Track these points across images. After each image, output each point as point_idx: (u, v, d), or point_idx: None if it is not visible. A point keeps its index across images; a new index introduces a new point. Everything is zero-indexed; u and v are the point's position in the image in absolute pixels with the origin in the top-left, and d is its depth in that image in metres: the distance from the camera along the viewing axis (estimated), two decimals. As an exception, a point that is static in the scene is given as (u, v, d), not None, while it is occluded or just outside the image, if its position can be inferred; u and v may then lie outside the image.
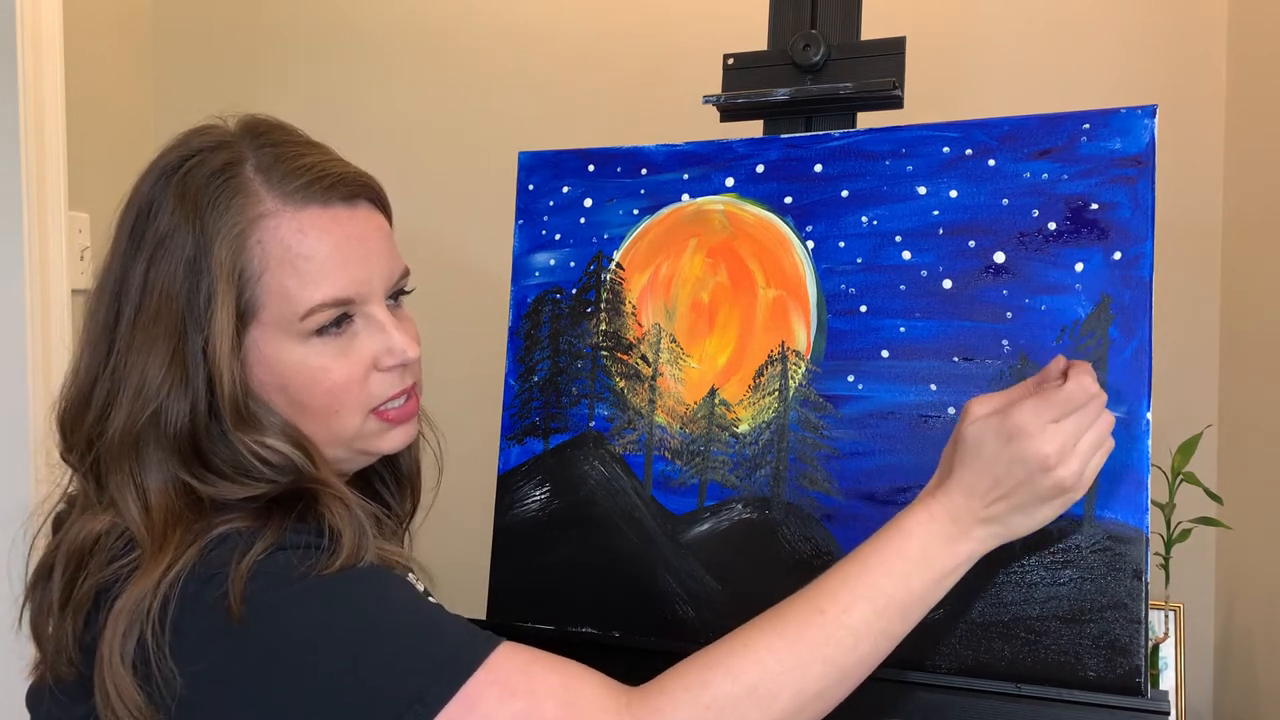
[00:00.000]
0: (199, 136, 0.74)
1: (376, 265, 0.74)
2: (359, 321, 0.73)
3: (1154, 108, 0.88)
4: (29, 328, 1.55)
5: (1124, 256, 0.87)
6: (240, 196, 0.70)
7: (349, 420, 0.74)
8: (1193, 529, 1.39)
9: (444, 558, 1.52)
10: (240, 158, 0.72)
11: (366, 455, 0.77)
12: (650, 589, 0.98)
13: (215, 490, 0.69)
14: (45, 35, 1.59)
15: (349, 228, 0.72)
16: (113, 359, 0.71)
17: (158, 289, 0.69)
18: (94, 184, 1.77)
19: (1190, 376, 1.55)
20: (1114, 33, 1.57)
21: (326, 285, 0.70)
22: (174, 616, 0.63)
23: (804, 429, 0.95)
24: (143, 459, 0.69)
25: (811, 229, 0.98)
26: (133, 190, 0.74)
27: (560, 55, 1.80)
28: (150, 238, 0.71)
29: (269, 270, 0.69)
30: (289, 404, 0.72)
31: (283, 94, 1.93)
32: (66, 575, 0.69)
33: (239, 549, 0.65)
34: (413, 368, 0.77)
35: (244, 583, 0.63)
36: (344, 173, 0.74)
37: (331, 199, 0.72)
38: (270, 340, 0.71)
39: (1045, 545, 0.86)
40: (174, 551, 0.65)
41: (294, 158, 0.72)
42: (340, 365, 0.72)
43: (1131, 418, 0.85)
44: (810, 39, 1.04)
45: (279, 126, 0.76)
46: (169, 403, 0.69)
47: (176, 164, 0.72)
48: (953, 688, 0.86)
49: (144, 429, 0.69)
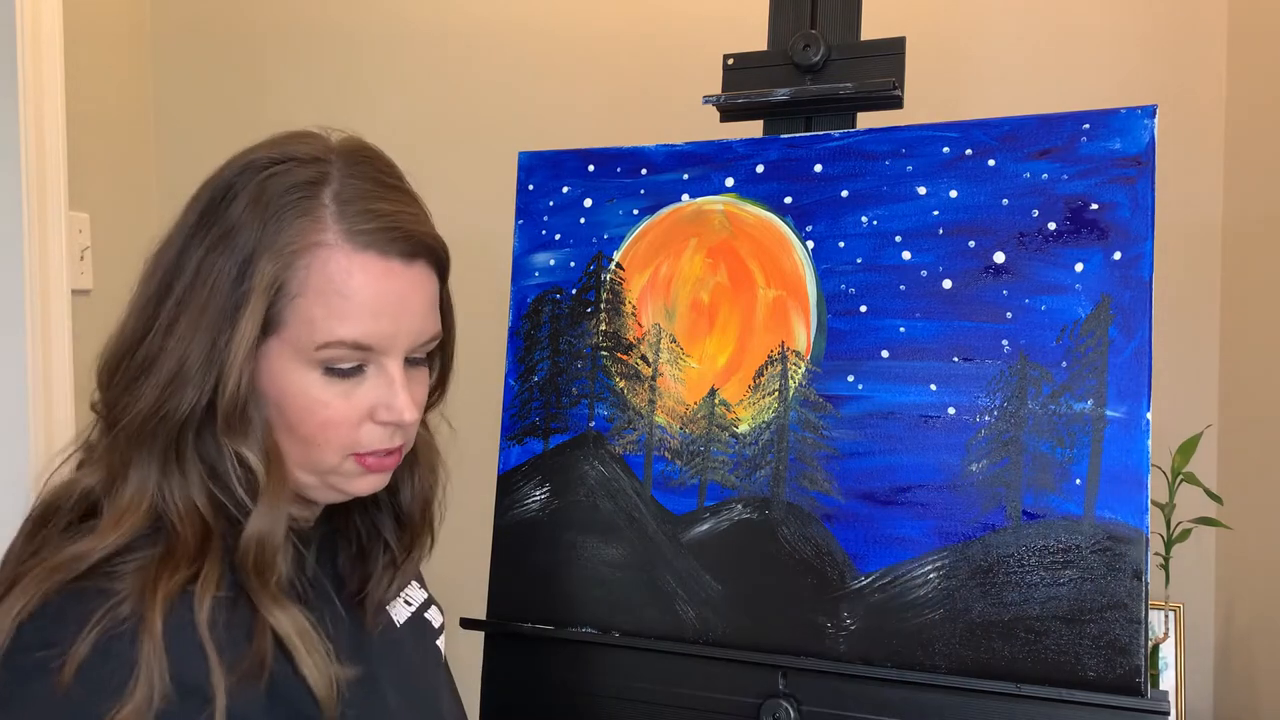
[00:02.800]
0: (297, 143, 0.74)
1: (407, 324, 0.74)
2: (371, 370, 0.73)
3: (1154, 108, 0.88)
4: (29, 328, 1.55)
5: (1124, 256, 0.87)
6: (307, 218, 0.70)
7: (328, 455, 0.74)
8: (1193, 529, 1.39)
9: (444, 558, 1.52)
10: (325, 179, 0.71)
11: (337, 492, 0.77)
12: (650, 589, 0.98)
13: (166, 489, 0.70)
14: (45, 36, 1.59)
15: (397, 283, 0.72)
16: (152, 333, 0.71)
17: (210, 280, 0.70)
18: (94, 184, 1.77)
19: (1190, 376, 1.55)
20: (1114, 33, 1.57)
21: (351, 326, 0.70)
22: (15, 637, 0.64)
23: (804, 429, 0.95)
24: (143, 447, 0.70)
25: (811, 229, 0.98)
26: (217, 172, 0.74)
27: (560, 55, 1.80)
28: (218, 226, 0.71)
29: (305, 295, 0.70)
30: (278, 420, 0.72)
31: (282, 94, 1.93)
32: (35, 516, 0.71)
33: (100, 612, 0.65)
34: (404, 431, 0.76)
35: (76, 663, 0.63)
36: (413, 231, 0.74)
37: (391, 251, 0.72)
38: (282, 357, 0.71)
39: (1045, 546, 0.86)
40: (112, 537, 0.67)
41: (374, 198, 0.72)
42: (339, 404, 0.72)
43: (1131, 418, 0.85)
44: (810, 39, 1.04)
45: (378, 160, 0.76)
46: (190, 392, 0.69)
47: (266, 163, 0.72)
48: (953, 688, 0.86)
49: (164, 418, 0.70)
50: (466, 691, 0.94)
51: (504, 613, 1.04)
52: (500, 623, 1.04)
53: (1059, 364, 0.88)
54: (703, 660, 0.97)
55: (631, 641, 0.98)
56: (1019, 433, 0.89)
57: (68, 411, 1.63)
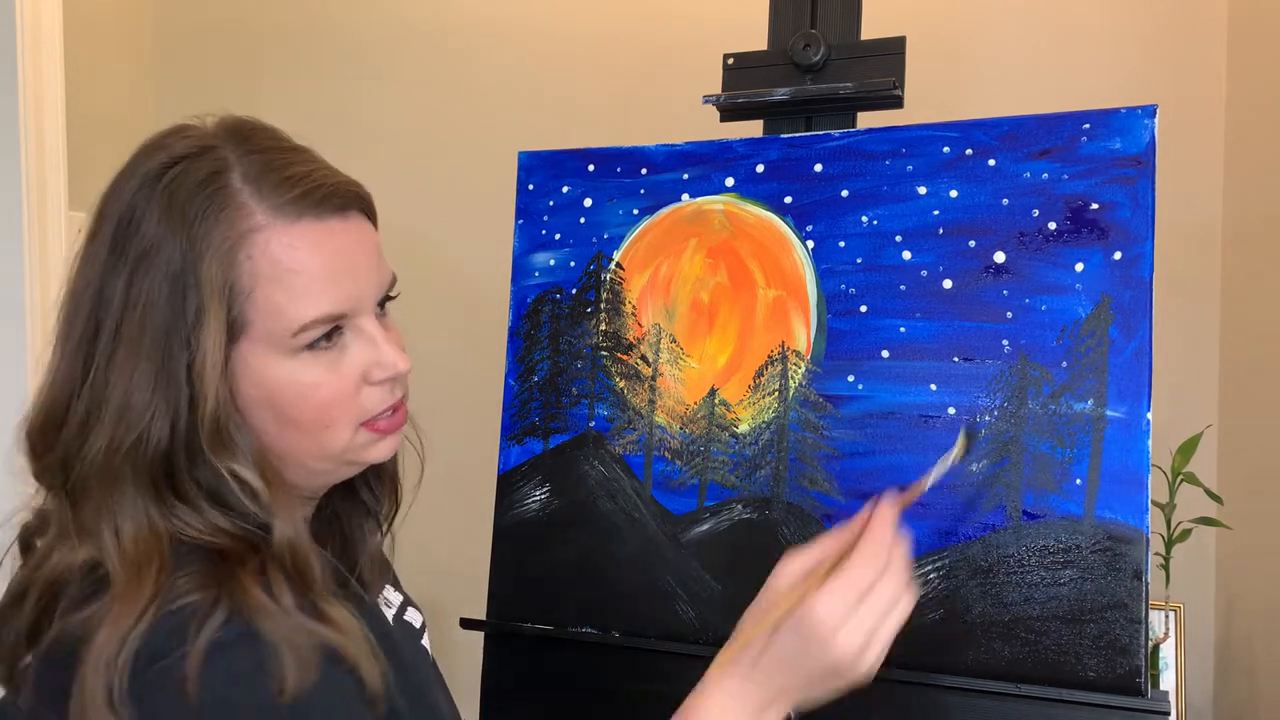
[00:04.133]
0: (179, 139, 0.70)
1: (367, 278, 0.72)
2: (349, 334, 0.72)
3: (1154, 108, 0.88)
4: (29, 328, 1.55)
5: (1124, 256, 0.87)
6: (229, 209, 0.67)
7: (339, 434, 0.72)
8: (1193, 529, 1.39)
9: (443, 557, 1.52)
10: (225, 165, 0.69)
11: (354, 466, 0.76)
12: (650, 589, 0.98)
13: (180, 521, 0.67)
14: (45, 36, 1.59)
15: (341, 240, 0.70)
16: (92, 374, 0.68)
17: (140, 304, 0.66)
18: (94, 184, 1.75)
19: (1190, 376, 1.55)
20: (1114, 33, 1.57)
21: (319, 301, 0.68)
22: (133, 675, 0.61)
23: (804, 429, 0.95)
24: (119, 486, 0.67)
25: (811, 229, 0.98)
26: (108, 194, 0.71)
27: (560, 55, 1.80)
28: (133, 249, 0.67)
29: (259, 286, 0.67)
30: (276, 420, 0.70)
31: (281, 94, 1.93)
32: (39, 607, 0.67)
33: (195, 621, 0.63)
34: (402, 381, 0.76)
35: (200, 664, 0.61)
36: (336, 183, 0.71)
37: (324, 211, 0.70)
38: (257, 355, 0.69)
39: (1045, 546, 0.86)
40: (146, 596, 0.63)
41: (283, 166, 0.69)
42: (330, 380, 0.70)
43: (1131, 418, 0.85)
44: (810, 39, 1.04)
45: (262, 129, 0.73)
46: (152, 425, 0.66)
47: (158, 171, 0.69)
48: (953, 688, 0.86)
49: (126, 454, 0.66)
50: (467, 691, 0.94)
51: (504, 613, 1.04)
52: (500, 623, 1.04)
53: (1059, 364, 0.88)
54: (703, 660, 0.96)
55: (631, 641, 0.98)
56: (1019, 433, 0.89)
57: (68, 411, 1.62)
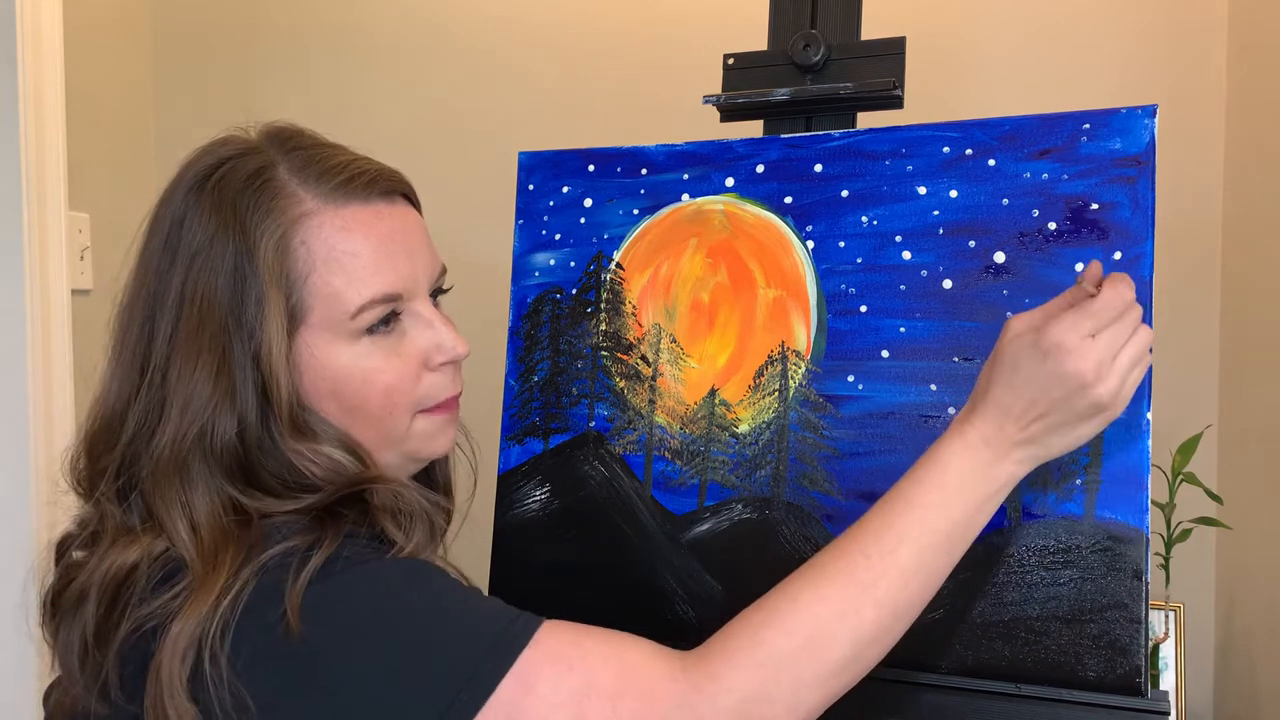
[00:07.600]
0: (222, 146, 0.72)
1: (421, 261, 0.73)
2: (406, 319, 0.72)
3: (1154, 108, 0.88)
4: (29, 328, 1.55)
5: (1124, 257, 0.87)
6: (280, 198, 0.68)
7: (400, 421, 0.73)
8: (1193, 529, 1.39)
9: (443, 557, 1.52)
10: (271, 162, 0.70)
11: (415, 461, 0.77)
12: (650, 589, 0.98)
13: (264, 505, 0.67)
14: (45, 36, 1.59)
15: (391, 223, 0.72)
16: (149, 376, 0.68)
17: (198, 300, 0.67)
18: (94, 184, 1.77)
19: (1190, 376, 1.55)
20: (1114, 33, 1.57)
21: (375, 281, 0.69)
22: (235, 642, 0.61)
23: (804, 429, 0.95)
24: (189, 478, 0.67)
25: (811, 229, 0.98)
26: (159, 206, 0.72)
27: (560, 55, 1.80)
28: (185, 250, 0.68)
29: (315, 271, 0.68)
30: (341, 409, 0.71)
31: (282, 94, 1.93)
32: (101, 608, 0.66)
33: (294, 566, 0.63)
34: (460, 371, 0.76)
35: (300, 597, 0.61)
36: (379, 170, 0.73)
37: (371, 195, 0.71)
38: (320, 343, 0.69)
39: (1045, 546, 0.86)
40: (228, 573, 0.63)
41: (325, 159, 0.71)
42: (392, 365, 0.71)
43: (1131, 417, 0.85)
44: (810, 39, 1.04)
45: (300, 131, 0.75)
46: (217, 417, 0.67)
47: (205, 174, 0.70)
48: (953, 688, 0.86)
49: (192, 447, 0.67)
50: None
51: (504, 613, 1.04)
52: (500, 623, 1.04)
53: (1059, 364, 0.88)
54: (703, 660, 0.97)
55: (631, 641, 0.98)
56: (1019, 433, 0.88)
57: (68, 411, 1.63)
